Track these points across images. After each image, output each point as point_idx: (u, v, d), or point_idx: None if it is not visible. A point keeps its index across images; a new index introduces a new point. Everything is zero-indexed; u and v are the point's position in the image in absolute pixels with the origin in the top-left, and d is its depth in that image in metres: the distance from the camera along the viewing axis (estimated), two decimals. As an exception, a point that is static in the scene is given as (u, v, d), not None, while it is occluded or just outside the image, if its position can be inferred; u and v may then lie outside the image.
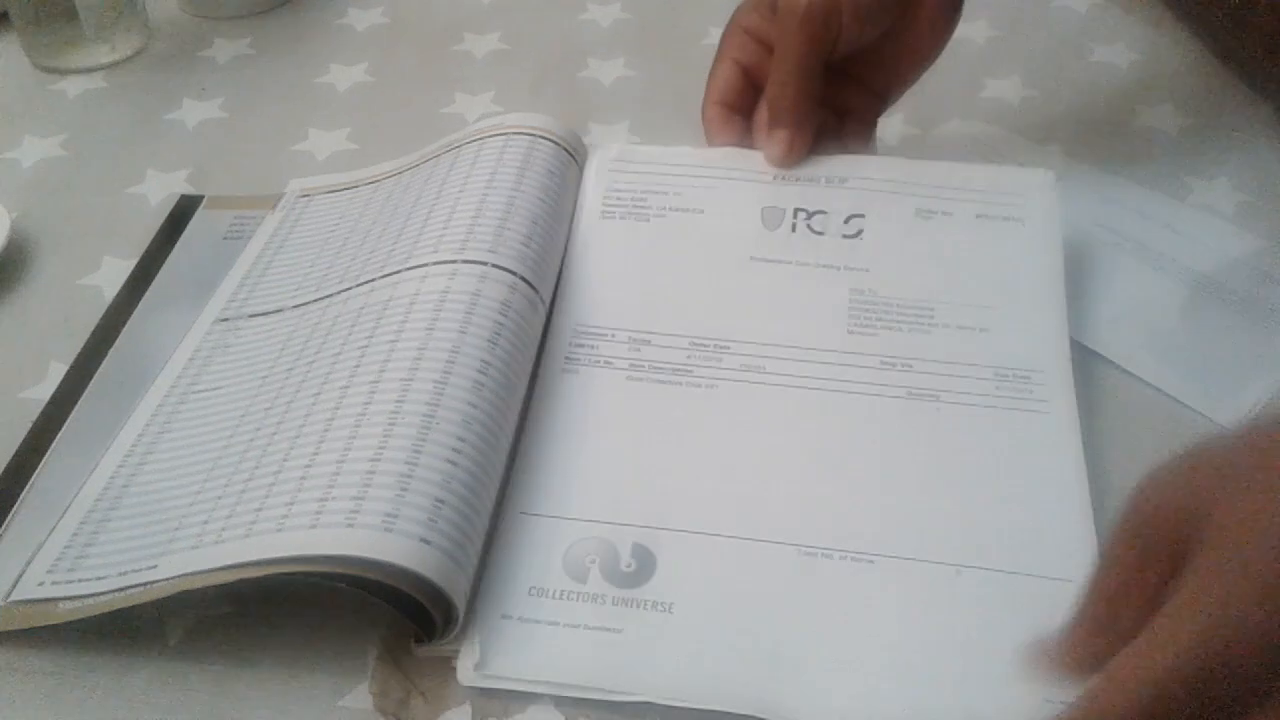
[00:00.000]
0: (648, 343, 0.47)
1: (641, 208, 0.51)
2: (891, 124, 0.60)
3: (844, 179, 0.51)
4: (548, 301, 0.48)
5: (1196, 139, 0.59)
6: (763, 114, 0.50)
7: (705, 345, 0.46)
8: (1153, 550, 0.31)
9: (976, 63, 0.65)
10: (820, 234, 0.49)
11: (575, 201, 0.52)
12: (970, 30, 0.67)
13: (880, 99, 0.52)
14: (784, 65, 0.48)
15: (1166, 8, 0.67)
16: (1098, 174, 0.56)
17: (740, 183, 0.51)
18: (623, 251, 0.50)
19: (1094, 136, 0.59)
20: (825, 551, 0.40)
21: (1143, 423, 0.45)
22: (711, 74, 0.52)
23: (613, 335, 0.47)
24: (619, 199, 0.51)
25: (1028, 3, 0.69)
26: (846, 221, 0.50)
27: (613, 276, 0.49)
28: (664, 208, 0.51)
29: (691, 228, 0.50)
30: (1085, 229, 0.52)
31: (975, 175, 0.51)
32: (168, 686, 0.37)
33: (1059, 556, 0.39)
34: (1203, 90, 0.62)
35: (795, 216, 0.50)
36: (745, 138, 0.51)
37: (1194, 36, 0.65)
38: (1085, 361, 0.46)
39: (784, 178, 0.51)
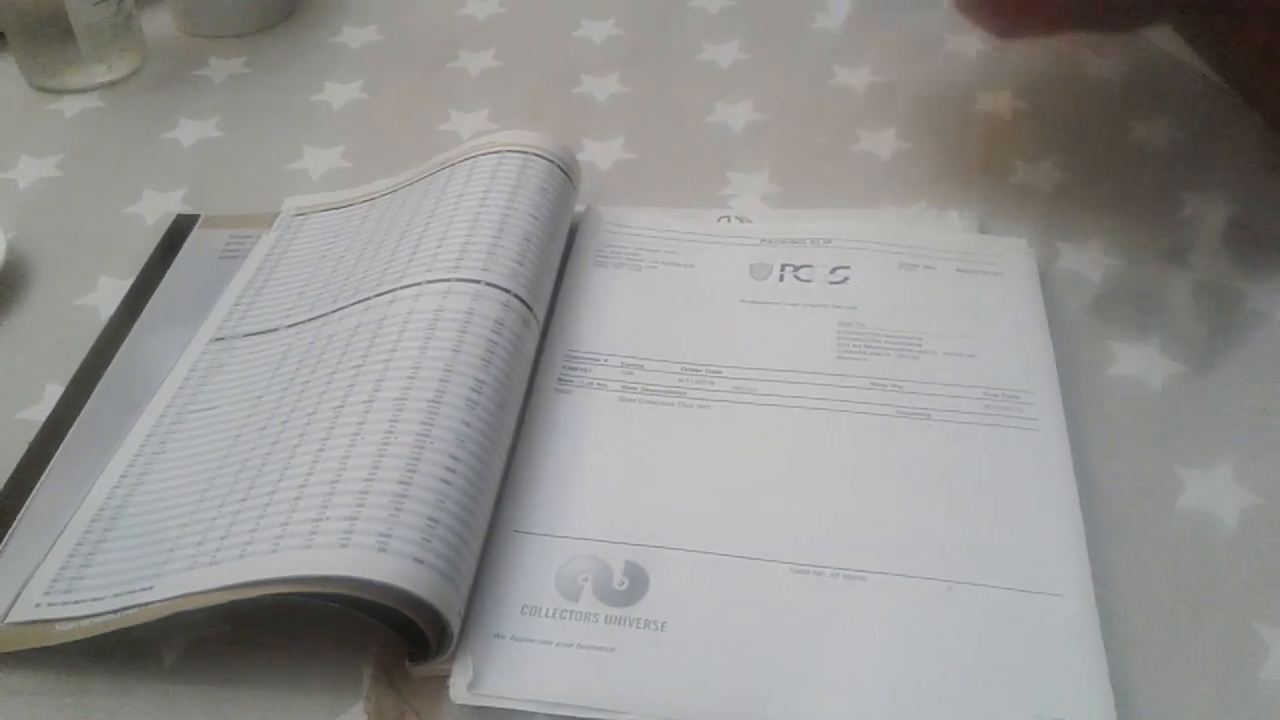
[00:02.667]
0: (640, 367, 0.47)
1: (635, 260, 0.52)
2: (885, 138, 0.61)
3: (828, 240, 0.53)
4: (542, 319, 0.48)
5: (1189, 152, 0.59)
6: None
7: (697, 370, 0.47)
8: None
9: (969, 76, 0.65)
10: (807, 282, 0.51)
11: (569, 223, 0.53)
12: (962, 44, 0.67)
13: None
14: None
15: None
16: None
17: (728, 246, 0.53)
18: (616, 291, 0.51)
19: (1087, 150, 0.59)
20: (817, 569, 0.40)
21: (1132, 439, 0.45)
22: None
23: (605, 360, 0.48)
24: (613, 252, 0.53)
25: (1019, 17, 0.69)
26: (832, 271, 0.51)
27: (606, 309, 0.50)
28: (656, 262, 0.52)
29: (683, 278, 0.52)
30: None
31: (953, 241, 0.53)
32: (164, 708, 0.37)
33: (1050, 571, 0.39)
34: (1196, 103, 0.62)
35: (782, 270, 0.51)
36: None
37: (1188, 47, 0.65)
38: (1073, 382, 0.46)
39: (770, 241, 0.53)
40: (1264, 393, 0.46)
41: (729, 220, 0.55)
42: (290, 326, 0.49)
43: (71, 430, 0.46)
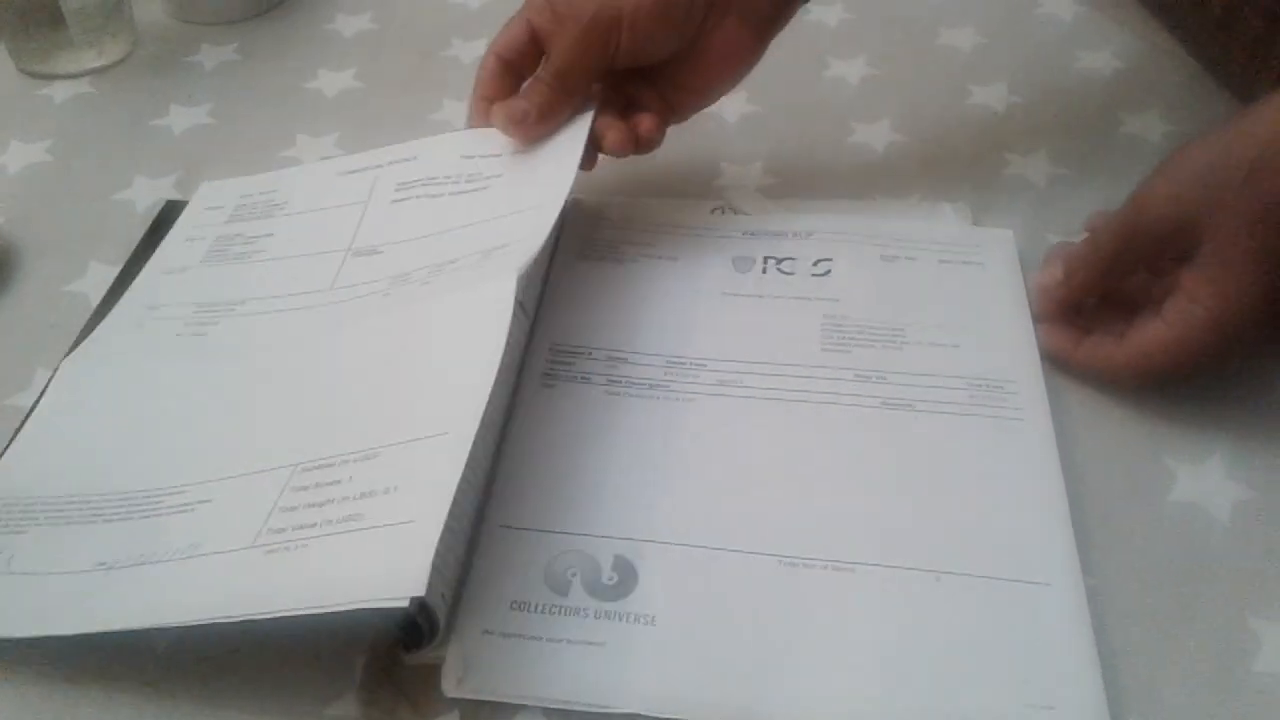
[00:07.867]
0: (625, 360, 0.47)
1: (617, 254, 0.52)
2: (879, 130, 0.60)
3: (810, 233, 0.53)
4: (531, 313, 0.48)
5: (1179, 145, 0.59)
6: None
7: (682, 363, 0.47)
8: (1139, 250, 0.45)
9: (963, 70, 0.65)
10: (790, 274, 0.51)
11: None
12: (956, 37, 0.67)
13: (672, 109, 0.52)
14: (551, 65, 0.48)
15: (1151, 14, 0.67)
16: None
17: (711, 238, 0.53)
18: (600, 285, 0.51)
19: (1079, 143, 0.59)
20: (806, 561, 0.40)
21: (1121, 431, 0.45)
22: (505, 26, 0.51)
23: (590, 353, 0.47)
24: (594, 246, 0.53)
25: (1013, 10, 0.69)
26: (815, 264, 0.51)
27: (590, 303, 0.50)
28: (639, 255, 0.52)
29: (666, 270, 0.51)
30: None
31: (936, 231, 0.53)
32: (155, 697, 0.37)
33: (1037, 560, 0.40)
34: (1187, 97, 0.62)
35: (765, 262, 0.51)
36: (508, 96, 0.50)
37: (1179, 43, 0.65)
38: (1060, 373, 0.47)
39: (753, 233, 0.53)
40: (1255, 385, 0.46)
41: (722, 211, 0.55)
42: None
43: (60, 418, 0.46)
